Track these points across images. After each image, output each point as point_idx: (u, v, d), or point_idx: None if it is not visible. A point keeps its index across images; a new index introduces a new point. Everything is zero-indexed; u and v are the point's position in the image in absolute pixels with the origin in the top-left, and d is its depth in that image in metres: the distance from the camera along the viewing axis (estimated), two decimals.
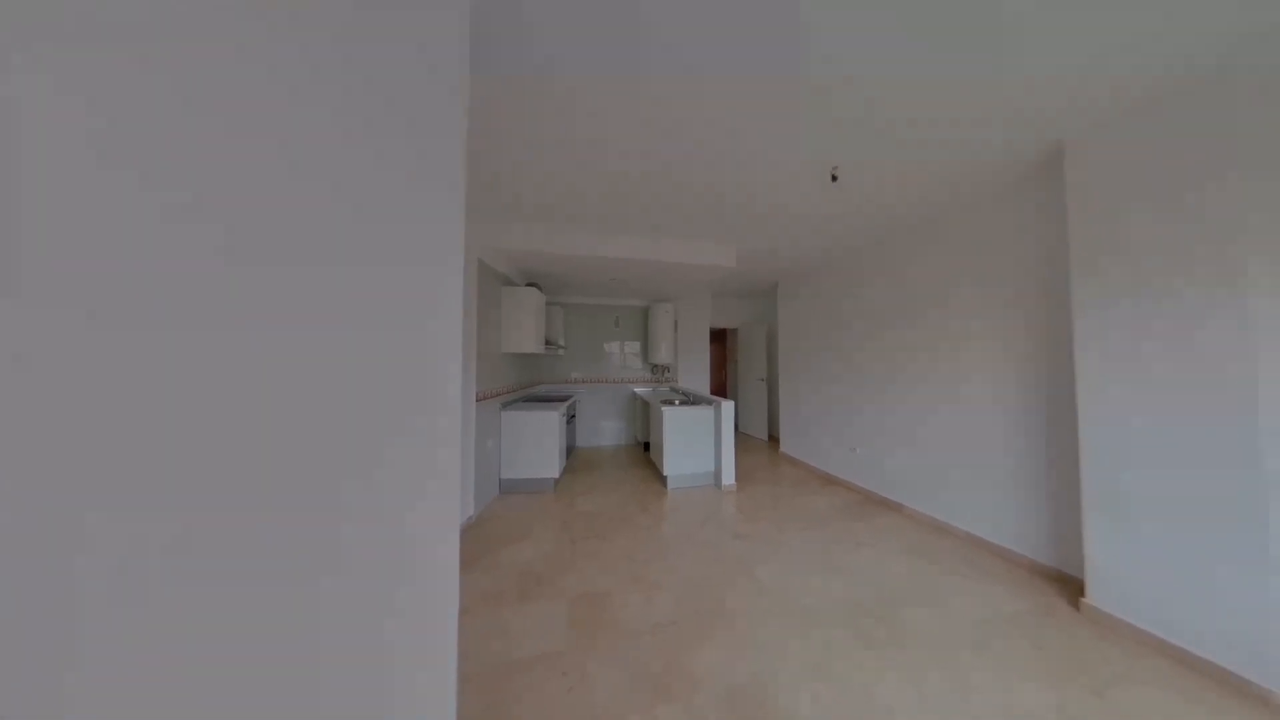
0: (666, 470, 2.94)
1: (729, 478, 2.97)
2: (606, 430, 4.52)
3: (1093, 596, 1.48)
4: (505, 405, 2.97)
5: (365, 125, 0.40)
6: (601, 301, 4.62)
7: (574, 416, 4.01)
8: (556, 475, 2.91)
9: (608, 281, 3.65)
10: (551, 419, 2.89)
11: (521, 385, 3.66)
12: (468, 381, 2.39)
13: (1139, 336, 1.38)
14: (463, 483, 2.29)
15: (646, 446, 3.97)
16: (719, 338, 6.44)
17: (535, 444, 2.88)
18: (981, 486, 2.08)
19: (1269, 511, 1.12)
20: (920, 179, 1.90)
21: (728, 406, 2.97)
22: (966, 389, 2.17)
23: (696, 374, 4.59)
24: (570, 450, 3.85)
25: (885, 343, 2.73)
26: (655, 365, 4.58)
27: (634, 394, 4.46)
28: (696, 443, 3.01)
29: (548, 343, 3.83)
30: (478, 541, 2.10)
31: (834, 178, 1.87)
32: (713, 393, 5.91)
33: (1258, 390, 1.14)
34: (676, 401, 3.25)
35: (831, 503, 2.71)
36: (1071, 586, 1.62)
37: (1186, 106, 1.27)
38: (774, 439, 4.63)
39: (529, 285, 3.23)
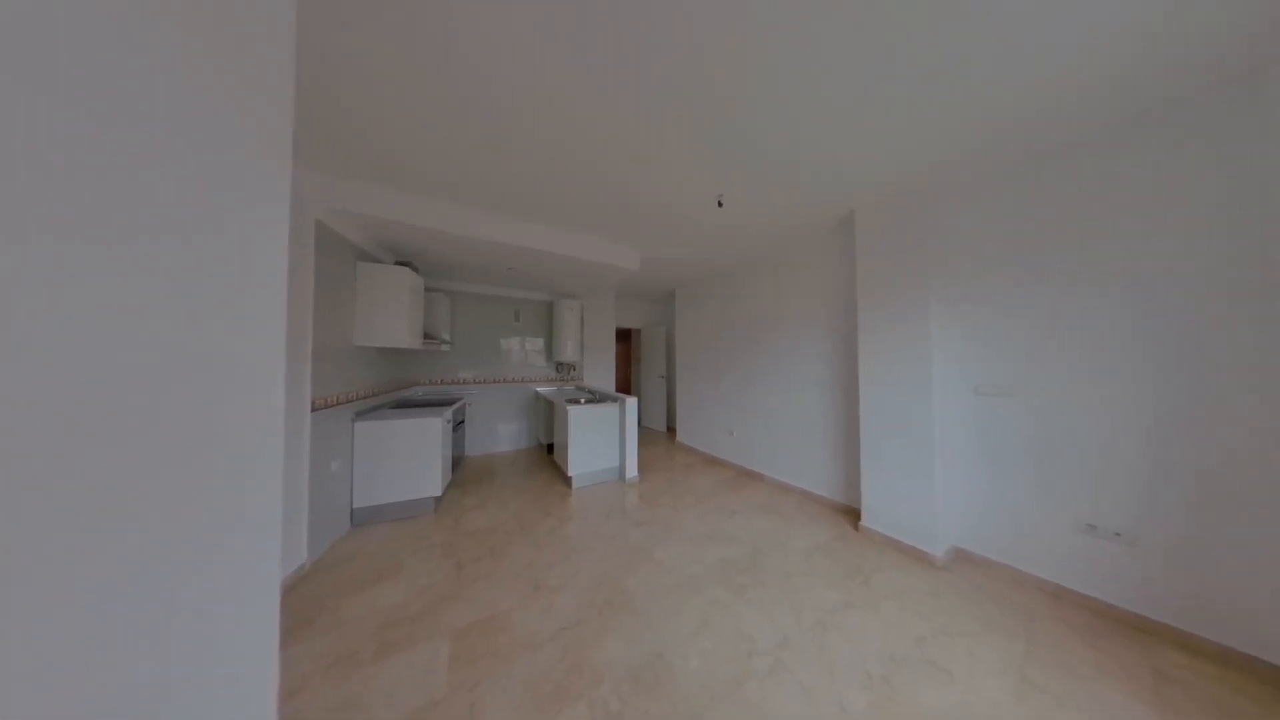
0: (572, 470, 2.89)
1: (632, 470, 3.13)
2: (504, 434, 4.10)
3: (865, 521, 2.20)
4: (361, 414, 2.35)
5: None
6: (499, 292, 4.16)
7: (462, 422, 3.50)
8: (439, 493, 2.47)
9: (505, 271, 3.32)
10: (430, 427, 2.45)
11: (388, 387, 2.98)
12: (299, 385, 1.79)
13: (885, 342, 2.11)
14: (287, 523, 1.71)
15: (550, 448, 3.80)
16: (624, 337, 6.69)
17: (408, 459, 2.38)
18: (810, 453, 2.81)
19: (934, 457, 1.90)
20: (776, 220, 2.44)
21: (632, 403, 3.13)
22: (801, 381, 2.89)
23: (603, 372, 4.64)
24: (458, 461, 3.35)
25: (755, 344, 3.36)
26: (560, 363, 4.41)
27: (537, 394, 4.20)
28: (602, 440, 3.06)
29: (427, 336, 3.22)
30: (314, 596, 1.61)
31: (719, 203, 2.19)
32: (618, 390, 6.10)
33: (931, 383, 1.92)
34: (583, 400, 3.22)
35: (715, 480, 3.18)
36: (855, 516, 2.36)
37: (909, 201, 2.02)
38: (671, 430, 5.09)
39: (400, 264, 2.64)
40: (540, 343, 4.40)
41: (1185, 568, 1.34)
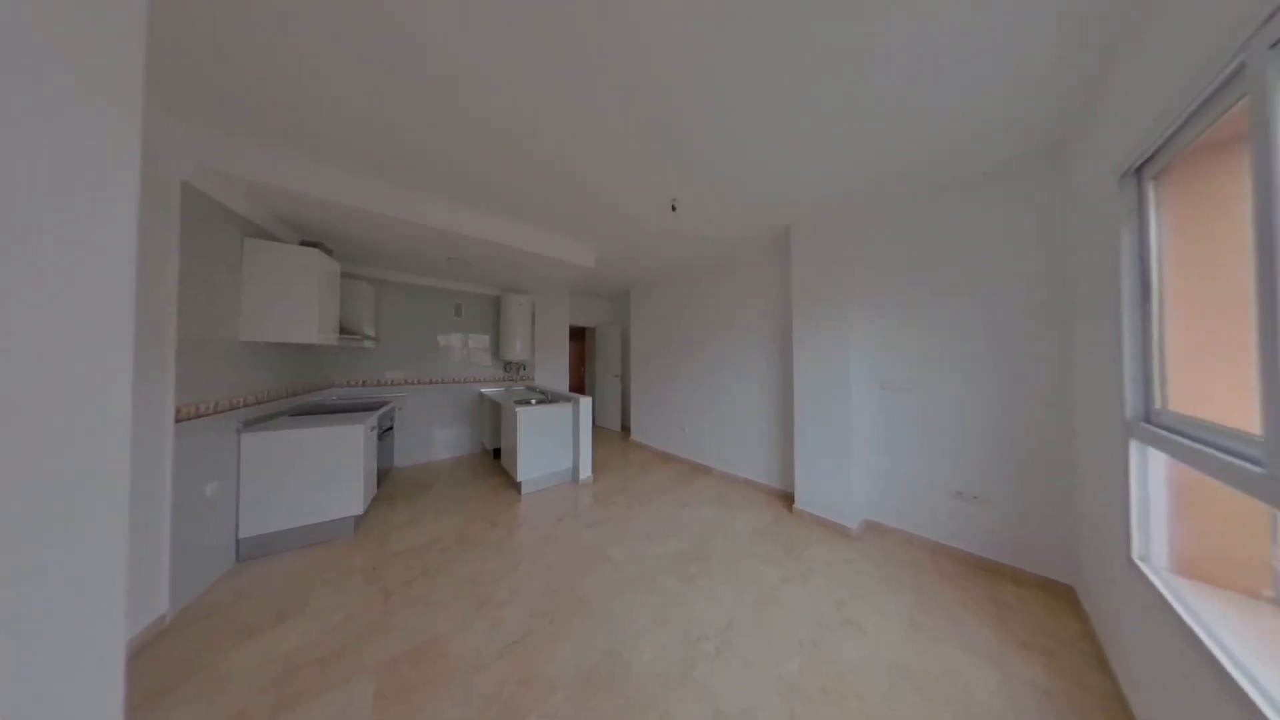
0: (521, 475, 2.74)
1: (586, 471, 3.08)
2: (443, 440, 3.73)
3: (798, 503, 2.46)
4: (251, 425, 1.94)
5: None
6: (438, 284, 3.75)
7: (390, 428, 3.09)
8: (360, 510, 2.15)
9: (445, 261, 3.00)
10: (348, 436, 2.12)
11: (293, 391, 2.51)
12: (157, 390, 1.41)
13: (814, 343, 2.39)
14: (138, 567, 1.34)
15: (497, 453, 3.55)
16: (579, 335, 6.53)
17: (318, 474, 2.03)
18: (753, 445, 3.05)
19: (850, 443, 2.21)
20: (724, 228, 2.57)
21: (586, 402, 3.07)
22: (747, 378, 3.12)
23: (556, 371, 4.48)
24: (385, 473, 2.95)
25: (707, 343, 3.53)
26: (509, 362, 4.15)
27: (482, 395, 3.89)
28: (555, 442, 2.96)
29: (345, 331, 2.77)
30: (182, 654, 1.29)
31: (673, 208, 2.25)
32: (572, 389, 5.95)
33: (849, 380, 2.22)
34: (533, 401, 3.07)
35: (668, 476, 3.29)
36: (790, 500, 2.63)
37: (834, 221, 2.29)
38: (626, 429, 5.13)
39: (306, 245, 2.22)
40: (486, 340, 4.08)
41: (1015, 520, 1.76)
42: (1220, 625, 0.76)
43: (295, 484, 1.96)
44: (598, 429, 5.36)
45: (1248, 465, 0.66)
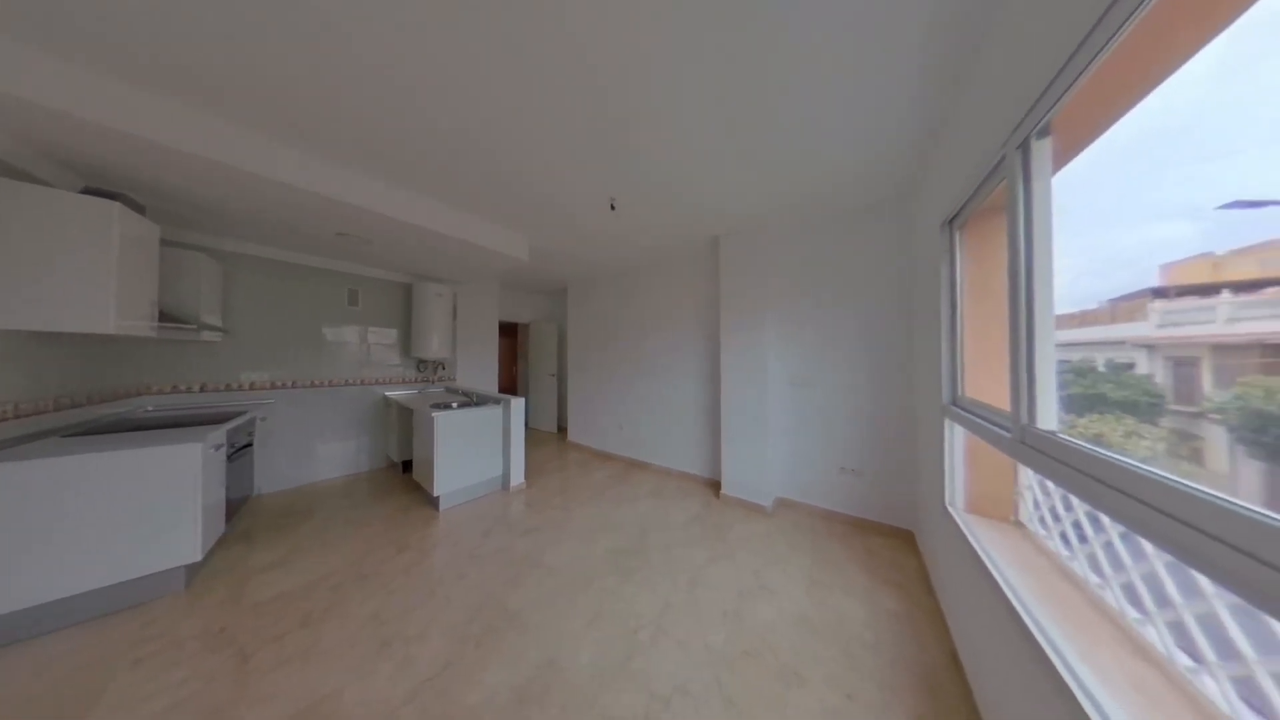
0: (439, 489, 2.43)
1: (518, 477, 2.89)
2: (330, 455, 3.08)
3: (725, 489, 2.72)
4: None
5: None
6: (324, 264, 3.07)
7: (248, 445, 2.43)
8: (197, 557, 1.63)
9: (335, 237, 2.48)
10: (174, 460, 1.60)
11: (74, 400, 1.80)
12: None
13: (738, 344, 2.67)
14: None
15: (408, 466, 3.08)
16: (510, 332, 6.07)
17: (119, 516, 1.49)
18: (686, 438, 3.26)
19: (767, 432, 2.53)
20: (660, 232, 2.69)
21: (518, 404, 2.88)
22: (682, 375, 3.31)
23: (483, 371, 4.09)
24: (239, 504, 2.31)
25: (645, 342, 3.63)
26: (424, 361, 3.63)
27: (387, 399, 3.33)
28: (481, 448, 2.70)
29: (170, 318, 2.07)
30: None
31: (612, 206, 2.26)
32: (502, 390, 5.49)
33: (766, 376, 2.55)
34: (454, 405, 2.75)
35: (606, 474, 3.29)
36: (718, 487, 2.89)
37: (755, 236, 2.59)
38: (563, 430, 4.96)
39: (94, 194, 1.57)
40: (393, 335, 3.49)
41: (879, 485, 2.24)
42: (988, 543, 1.10)
43: (68, 536, 1.39)
44: (532, 431, 5.06)
45: (1002, 432, 0.97)
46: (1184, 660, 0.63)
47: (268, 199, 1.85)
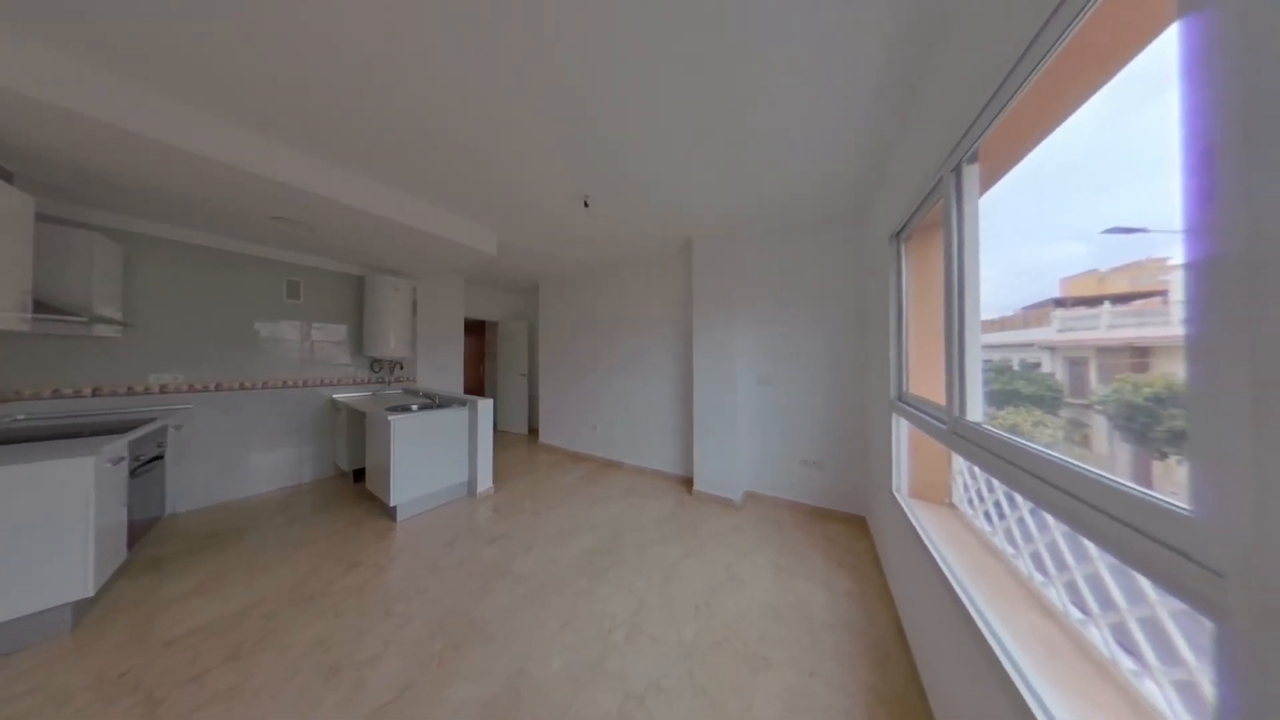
0: (395, 498, 2.26)
1: (486, 482, 2.76)
2: (263, 467, 2.75)
3: (697, 485, 2.79)
4: None
5: None
6: (258, 251, 2.73)
7: (159, 458, 2.11)
8: (88, 593, 1.38)
9: (270, 221, 2.21)
10: (68, 476, 1.36)
11: None
12: None
13: (710, 343, 2.75)
14: None
15: (359, 475, 2.83)
16: (477, 330, 5.78)
17: None
18: (659, 437, 3.30)
19: (736, 429, 2.63)
20: (634, 232, 2.69)
21: (485, 405, 2.75)
22: (655, 374, 3.34)
23: (447, 371, 3.86)
24: (146, 526, 1.99)
25: (618, 341, 3.62)
26: (378, 360, 3.35)
27: (334, 402, 3.03)
28: (444, 453, 2.55)
29: (49, 308, 1.74)
30: None
31: (586, 204, 2.23)
32: (468, 392, 5.22)
33: (735, 375, 2.65)
34: (414, 406, 2.57)
35: (579, 475, 3.24)
36: (690, 483, 2.95)
37: (726, 240, 2.68)
38: (534, 431, 4.81)
39: None
40: (342, 331, 3.19)
41: (836, 475, 2.41)
42: (927, 524, 1.23)
43: None
44: (501, 434, 4.86)
45: (938, 423, 1.09)
46: (1076, 614, 0.75)
47: (178, 172, 1.59)
